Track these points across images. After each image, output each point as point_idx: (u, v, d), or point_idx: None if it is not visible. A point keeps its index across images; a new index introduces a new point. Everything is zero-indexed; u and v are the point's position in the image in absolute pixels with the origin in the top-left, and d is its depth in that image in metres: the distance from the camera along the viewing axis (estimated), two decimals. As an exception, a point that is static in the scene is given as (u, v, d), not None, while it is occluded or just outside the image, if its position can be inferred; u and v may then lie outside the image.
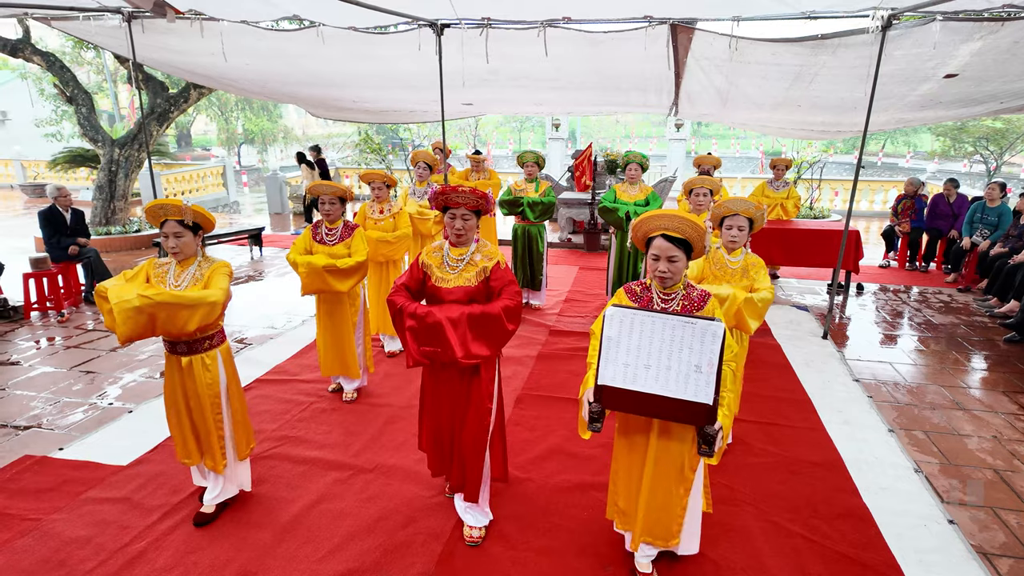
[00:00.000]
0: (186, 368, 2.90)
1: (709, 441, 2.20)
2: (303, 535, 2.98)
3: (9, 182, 17.77)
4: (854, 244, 6.67)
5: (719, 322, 2.15)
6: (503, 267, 2.77)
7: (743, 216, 3.35)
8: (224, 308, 2.85)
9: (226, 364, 3.03)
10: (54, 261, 6.56)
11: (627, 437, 2.56)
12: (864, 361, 5.27)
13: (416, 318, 2.65)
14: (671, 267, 2.36)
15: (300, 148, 27.16)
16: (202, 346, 2.92)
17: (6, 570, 2.73)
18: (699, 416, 2.19)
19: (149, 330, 2.64)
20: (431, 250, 2.86)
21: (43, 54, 9.71)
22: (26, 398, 4.52)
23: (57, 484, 3.39)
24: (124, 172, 9.98)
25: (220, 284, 2.83)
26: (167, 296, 2.61)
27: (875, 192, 13.58)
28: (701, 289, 2.48)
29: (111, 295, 2.55)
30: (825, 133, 7.98)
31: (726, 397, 2.31)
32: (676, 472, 2.47)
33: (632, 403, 2.26)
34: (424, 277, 2.82)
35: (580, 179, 10.56)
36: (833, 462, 3.65)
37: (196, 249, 2.92)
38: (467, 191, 2.66)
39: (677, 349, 2.19)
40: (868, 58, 4.73)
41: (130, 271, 2.88)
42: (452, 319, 2.61)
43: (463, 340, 2.62)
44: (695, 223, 2.31)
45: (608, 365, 2.26)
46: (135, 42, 5.59)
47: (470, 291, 2.72)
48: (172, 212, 2.81)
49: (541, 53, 5.19)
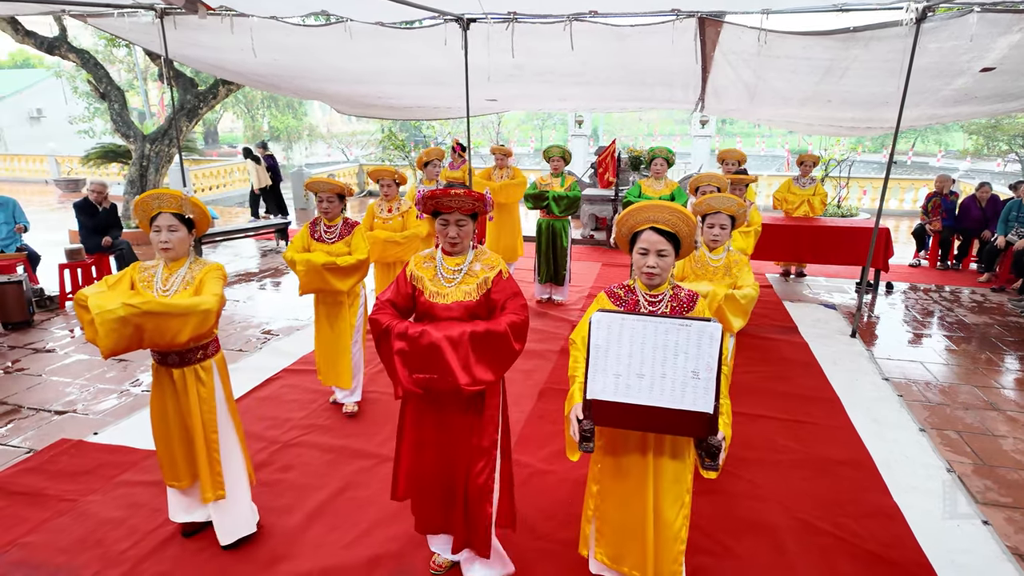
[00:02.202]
0: (178, 381, 2.62)
1: (713, 454, 1.99)
2: (330, 521, 3.03)
3: (44, 178, 18.22)
4: (884, 242, 6.54)
5: (715, 323, 1.97)
6: (506, 277, 2.42)
7: (725, 214, 3.27)
8: (218, 316, 2.57)
9: (222, 376, 2.74)
10: (88, 252, 6.72)
11: (615, 458, 2.30)
12: (894, 360, 5.17)
13: (407, 339, 2.24)
14: (660, 262, 2.18)
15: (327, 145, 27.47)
16: (195, 356, 2.63)
17: (45, 548, 2.82)
18: (700, 427, 1.99)
19: (136, 342, 2.37)
20: (421, 260, 2.47)
21: (78, 51, 9.94)
22: (62, 384, 4.64)
23: (92, 467, 3.48)
24: (155, 167, 10.18)
25: (213, 289, 2.53)
26: (155, 305, 2.34)
27: (905, 191, 13.31)
28: (688, 289, 2.31)
29: (91, 304, 2.25)
30: (855, 130, 7.84)
31: (724, 404, 2.13)
32: (675, 496, 2.24)
33: (626, 417, 2.05)
34: (414, 292, 2.43)
35: (603, 175, 10.51)
36: (861, 460, 3.60)
37: (188, 249, 2.65)
38: (460, 193, 2.30)
39: (672, 355, 1.98)
40: (901, 51, 4.64)
41: (112, 277, 2.58)
42: (452, 339, 2.21)
43: (466, 363, 2.23)
44: (686, 215, 2.16)
45: (597, 377, 2.04)
46: (167, 38, 5.70)
47: (471, 307, 2.35)
48: (168, 203, 2.54)
49: (567, 47, 5.18)
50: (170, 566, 2.71)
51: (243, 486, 2.83)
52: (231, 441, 2.77)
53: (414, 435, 2.47)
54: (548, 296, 6.60)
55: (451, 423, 2.41)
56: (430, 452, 2.45)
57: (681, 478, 2.25)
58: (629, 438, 2.26)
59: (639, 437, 2.24)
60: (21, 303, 5.81)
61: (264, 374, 4.67)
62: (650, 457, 2.23)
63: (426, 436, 2.45)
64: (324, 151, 27.72)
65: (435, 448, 2.45)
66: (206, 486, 2.70)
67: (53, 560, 2.74)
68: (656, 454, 2.23)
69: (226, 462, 2.74)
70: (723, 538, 2.90)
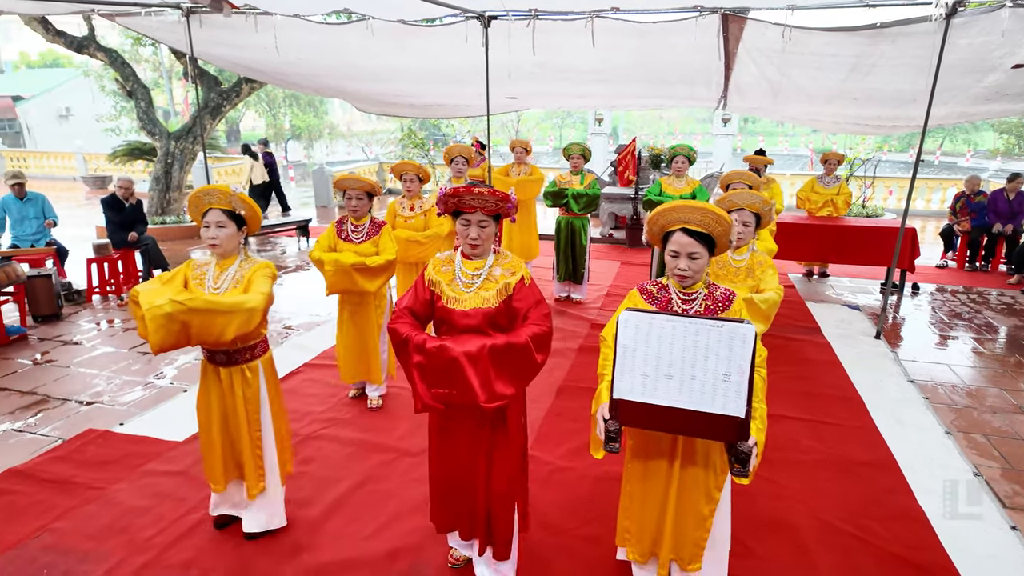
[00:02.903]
0: (224, 380, 2.65)
1: (743, 459, 1.93)
2: (350, 514, 3.05)
3: (72, 174, 18.59)
4: (910, 242, 6.43)
5: (749, 324, 1.90)
6: (528, 283, 2.31)
7: (749, 211, 3.13)
8: (265, 315, 2.56)
9: (268, 377, 2.76)
10: (115, 247, 6.85)
11: (643, 462, 2.30)
12: (919, 362, 5.08)
13: (426, 353, 2.16)
14: (692, 264, 2.13)
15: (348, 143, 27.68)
16: (243, 357, 2.65)
17: (73, 534, 2.88)
18: (730, 431, 1.93)
19: (184, 339, 2.39)
20: (439, 264, 2.38)
21: (106, 51, 10.13)
22: (89, 376, 4.74)
23: (119, 457, 3.55)
24: (179, 164, 10.35)
25: (261, 288, 2.52)
26: (201, 302, 2.36)
27: (932, 191, 13.05)
28: (724, 288, 2.23)
29: (142, 300, 2.29)
30: (881, 128, 7.70)
31: (758, 408, 2.07)
32: (702, 496, 2.23)
33: (652, 418, 2.00)
34: (432, 297, 2.33)
35: (623, 173, 10.47)
36: (885, 462, 3.54)
37: (238, 246, 2.66)
38: (483, 192, 2.20)
39: (702, 356, 1.92)
40: (930, 47, 4.55)
41: (166, 274, 2.63)
42: (471, 354, 2.13)
43: (485, 379, 2.15)
44: (720, 216, 2.09)
45: (624, 376, 2.00)
46: (192, 37, 5.79)
47: (490, 314, 2.25)
48: (218, 199, 2.55)
49: (588, 45, 5.16)
50: (194, 554, 2.76)
51: (277, 483, 2.84)
52: (271, 440, 2.79)
53: (438, 447, 2.44)
54: (567, 294, 6.58)
55: (471, 436, 2.36)
56: (453, 463, 2.42)
57: (707, 481, 2.21)
58: (656, 443, 2.23)
59: (666, 442, 2.21)
60: (50, 296, 5.94)
61: (285, 368, 4.71)
62: (677, 465, 2.20)
63: (449, 448, 2.41)
64: (344, 149, 27.93)
65: (455, 460, 2.41)
66: (250, 483, 2.74)
67: (81, 546, 2.80)
68: (683, 460, 2.20)
69: (267, 459, 2.78)
70: (744, 538, 2.87)
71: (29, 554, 2.75)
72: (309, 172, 15.88)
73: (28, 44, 31.77)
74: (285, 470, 2.88)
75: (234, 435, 2.72)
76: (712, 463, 2.20)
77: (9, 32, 33.03)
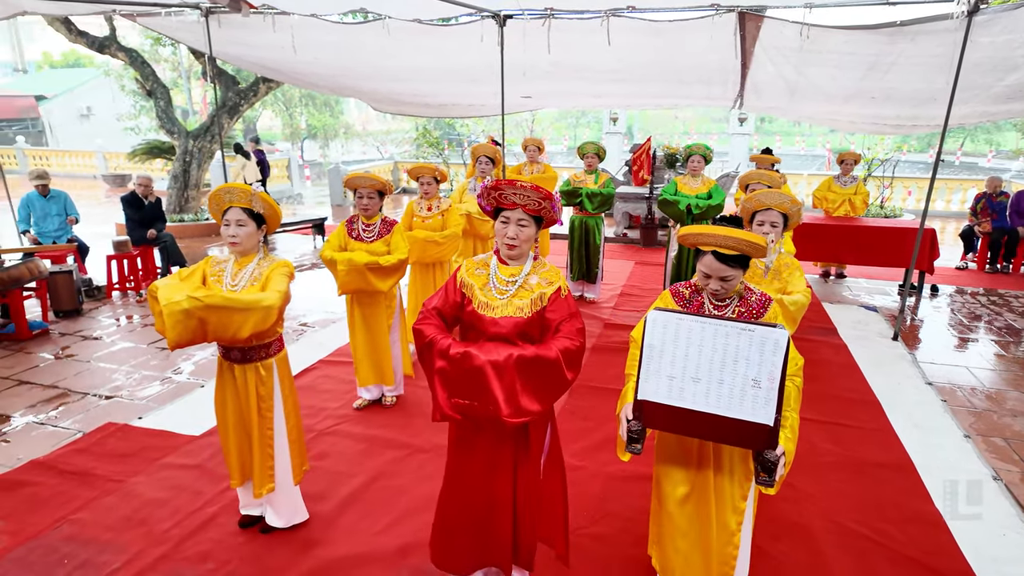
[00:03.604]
0: (239, 377, 2.67)
1: (769, 469, 1.87)
2: (362, 509, 3.08)
3: (92, 173, 18.88)
4: (929, 243, 6.34)
5: (782, 329, 1.84)
6: (564, 295, 2.17)
7: (776, 211, 3.03)
8: (282, 313, 2.57)
9: (282, 376, 2.77)
10: (134, 244, 6.95)
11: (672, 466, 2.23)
12: (938, 364, 5.01)
13: (449, 359, 2.04)
14: (725, 284, 2.07)
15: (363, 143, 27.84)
16: (257, 355, 2.66)
17: (93, 525, 2.93)
18: (758, 439, 1.87)
19: (200, 335, 2.39)
20: (473, 266, 2.25)
21: (126, 50, 10.28)
22: (108, 370, 4.82)
23: (137, 450, 3.60)
24: (197, 162, 10.48)
25: (278, 286, 2.52)
26: (218, 299, 2.38)
27: (952, 191, 12.86)
28: (761, 292, 2.15)
29: (160, 296, 2.31)
30: (900, 127, 7.60)
31: (789, 417, 2.01)
32: (728, 508, 2.16)
33: (677, 422, 1.96)
34: (463, 301, 2.21)
35: (638, 173, 10.44)
36: (902, 465, 3.50)
37: (257, 244, 2.67)
38: (528, 187, 2.07)
39: (732, 360, 1.87)
40: (951, 45, 4.49)
41: (185, 270, 2.65)
42: (497, 364, 2.00)
43: (510, 392, 2.01)
44: (756, 243, 1.99)
45: (650, 378, 1.95)
46: (211, 36, 5.86)
47: (521, 324, 2.12)
48: (239, 197, 2.56)
49: (603, 44, 5.15)
50: (210, 547, 2.80)
51: (290, 482, 2.85)
52: (284, 439, 2.79)
53: (458, 467, 2.30)
54: (580, 294, 6.58)
55: (496, 451, 2.22)
56: (472, 480, 2.27)
57: (736, 491, 2.16)
58: (681, 447, 2.18)
59: (691, 447, 2.17)
60: (71, 292, 6.04)
61: (301, 365, 4.76)
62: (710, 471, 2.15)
63: (470, 468, 2.26)
64: (360, 149, 28.10)
65: (478, 477, 2.26)
66: (257, 481, 2.75)
67: (101, 537, 2.85)
68: (703, 467, 2.15)
69: (279, 457, 2.78)
70: (757, 539, 2.83)
71: (50, 544, 2.81)
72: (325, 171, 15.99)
73: (51, 44, 32.28)
74: (301, 468, 2.90)
75: (247, 432, 2.74)
76: (736, 471, 2.15)
77: (33, 33, 33.62)
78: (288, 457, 2.82)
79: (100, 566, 2.67)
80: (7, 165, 19.39)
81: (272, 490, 2.78)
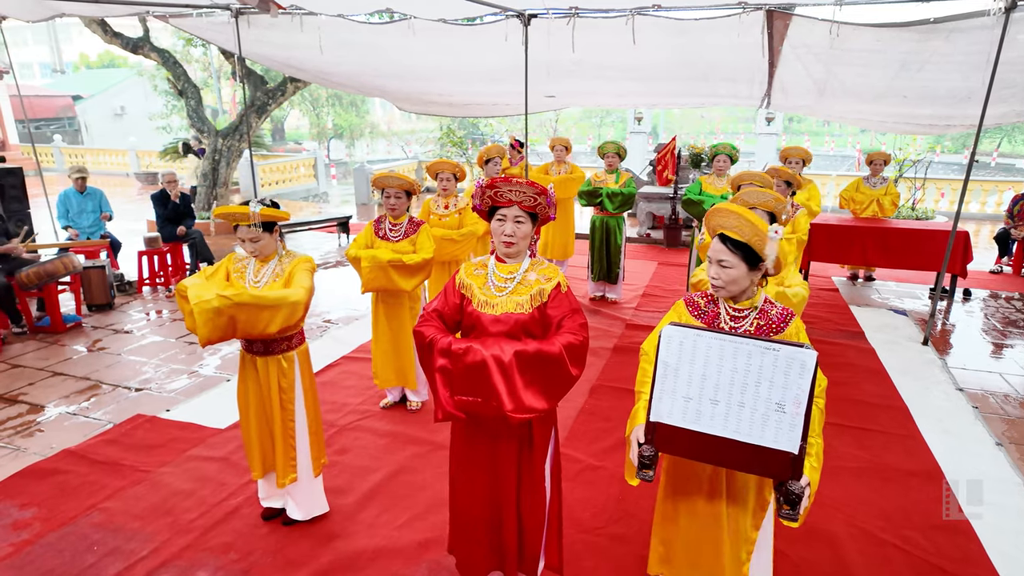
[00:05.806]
0: (261, 369, 2.72)
1: (793, 501, 1.71)
2: (383, 503, 3.11)
3: (125, 171, 19.34)
4: (962, 245, 6.18)
5: (810, 350, 1.70)
6: (564, 291, 2.18)
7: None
8: (307, 308, 2.64)
9: (303, 369, 2.82)
10: (164, 241, 7.10)
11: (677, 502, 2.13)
12: (969, 370, 4.89)
13: (450, 356, 2.03)
14: (722, 273, 1.93)
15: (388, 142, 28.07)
16: (280, 347, 2.72)
17: (122, 514, 3.01)
18: (781, 468, 1.73)
19: (230, 332, 2.46)
20: (471, 267, 2.27)
21: (159, 51, 10.51)
22: (138, 363, 4.93)
23: (165, 441, 3.69)
24: (226, 161, 10.67)
25: (302, 282, 2.59)
26: (247, 297, 2.43)
27: (987, 193, 12.51)
28: (782, 307, 2.01)
29: (190, 295, 2.37)
30: (933, 127, 7.42)
31: (814, 444, 1.86)
32: (739, 537, 2.04)
33: (693, 447, 1.82)
34: (462, 302, 2.22)
35: (662, 173, 10.36)
36: (930, 472, 3.42)
37: (276, 245, 2.75)
38: (521, 183, 2.06)
39: (754, 382, 1.73)
40: (987, 43, 4.37)
41: (210, 268, 2.74)
42: (499, 359, 1.98)
43: (513, 388, 1.99)
44: (753, 223, 1.89)
45: (664, 398, 1.82)
46: (241, 37, 5.96)
47: (522, 320, 2.12)
48: (242, 220, 2.63)
49: (628, 42, 5.12)
50: (233, 538, 2.85)
51: (310, 474, 2.88)
52: (304, 431, 2.83)
53: (462, 469, 2.30)
54: (601, 294, 6.55)
55: (495, 455, 2.21)
56: (476, 488, 2.27)
57: (748, 520, 2.05)
58: (694, 473, 2.06)
59: (703, 475, 2.05)
60: (104, 286, 6.20)
61: (324, 361, 4.82)
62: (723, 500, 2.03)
63: (473, 470, 2.26)
64: (385, 148, 28.35)
65: (480, 483, 2.26)
66: (280, 472, 2.80)
67: (129, 525, 2.93)
68: (715, 498, 2.04)
69: (300, 449, 2.83)
70: (778, 543, 2.79)
71: (81, 531, 2.89)
72: (351, 170, 16.18)
73: (88, 45, 33.15)
74: (320, 461, 2.94)
75: (269, 423, 2.79)
76: (748, 500, 2.03)
77: (71, 34, 34.59)
78: (308, 449, 2.86)
79: (128, 554, 2.74)
80: (45, 163, 19.96)
81: (295, 480, 2.83)
